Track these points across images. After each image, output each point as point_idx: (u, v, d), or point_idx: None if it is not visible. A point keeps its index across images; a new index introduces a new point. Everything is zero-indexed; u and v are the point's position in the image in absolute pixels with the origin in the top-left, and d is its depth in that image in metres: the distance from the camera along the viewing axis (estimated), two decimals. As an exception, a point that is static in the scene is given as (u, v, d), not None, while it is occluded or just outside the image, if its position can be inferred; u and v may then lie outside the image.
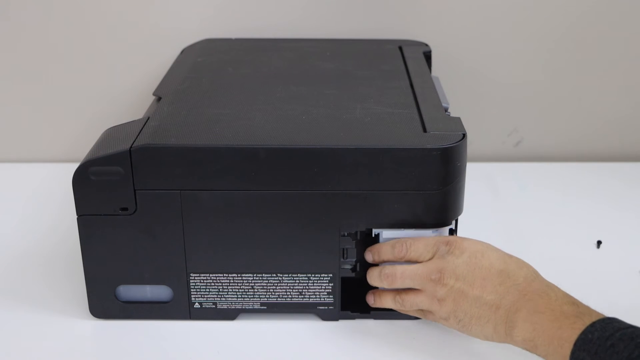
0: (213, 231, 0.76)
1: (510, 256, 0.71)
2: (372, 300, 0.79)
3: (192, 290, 0.79)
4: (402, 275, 0.74)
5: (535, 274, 0.69)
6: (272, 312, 0.80)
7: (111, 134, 0.79)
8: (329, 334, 0.79)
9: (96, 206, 0.75)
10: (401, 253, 0.75)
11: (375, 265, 0.78)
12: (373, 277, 0.77)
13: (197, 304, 0.80)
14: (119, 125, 0.81)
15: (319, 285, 0.79)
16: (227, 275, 0.78)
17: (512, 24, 1.15)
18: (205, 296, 0.79)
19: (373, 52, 1.05)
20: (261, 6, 1.14)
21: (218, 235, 0.76)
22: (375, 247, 0.77)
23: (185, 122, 0.78)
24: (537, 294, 0.66)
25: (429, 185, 0.74)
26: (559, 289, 0.68)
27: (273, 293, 0.79)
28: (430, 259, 0.73)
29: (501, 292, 0.68)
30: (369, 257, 0.77)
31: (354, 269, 0.80)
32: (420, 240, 0.74)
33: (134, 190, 0.74)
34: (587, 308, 0.65)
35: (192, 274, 0.78)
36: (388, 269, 0.75)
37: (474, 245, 0.72)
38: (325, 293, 0.79)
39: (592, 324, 0.62)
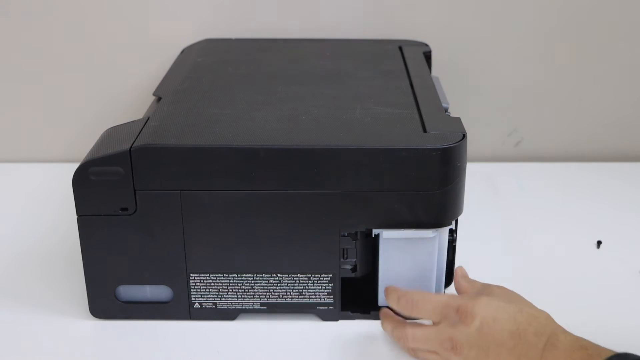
0: (213, 231, 0.76)
1: (521, 310, 0.69)
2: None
3: (192, 290, 0.79)
4: (413, 339, 0.73)
5: (545, 324, 0.68)
6: (272, 312, 0.80)
7: (111, 134, 0.79)
8: (329, 334, 0.79)
9: (96, 206, 0.75)
10: (406, 309, 0.73)
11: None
12: (387, 328, 0.76)
13: (197, 304, 0.80)
14: (119, 125, 0.81)
15: (319, 286, 0.79)
16: (227, 275, 0.78)
17: (512, 24, 1.15)
18: (205, 296, 0.79)
19: (373, 52, 1.05)
20: (261, 6, 1.14)
21: (218, 235, 0.76)
22: (388, 290, 0.75)
23: (185, 122, 0.78)
24: (547, 350, 0.65)
25: (429, 186, 0.74)
26: (566, 335, 0.66)
27: (273, 293, 0.79)
28: (438, 323, 0.71)
29: (516, 354, 0.67)
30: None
31: (354, 269, 0.80)
32: (428, 300, 0.72)
33: (134, 191, 0.74)
34: (597, 348, 0.63)
35: (192, 274, 0.78)
36: (398, 331, 0.74)
37: (485, 309, 0.69)
38: (325, 293, 0.79)
39: None
